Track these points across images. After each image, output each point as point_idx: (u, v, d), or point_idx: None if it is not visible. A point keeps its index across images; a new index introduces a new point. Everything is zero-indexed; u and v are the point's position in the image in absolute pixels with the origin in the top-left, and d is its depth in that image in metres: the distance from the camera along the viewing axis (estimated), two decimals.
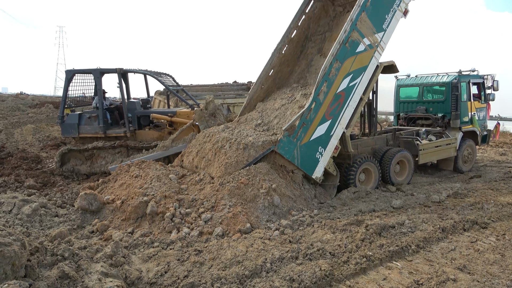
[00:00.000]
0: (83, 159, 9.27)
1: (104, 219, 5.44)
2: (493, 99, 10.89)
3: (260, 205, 5.54)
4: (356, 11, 6.96)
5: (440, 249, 4.68)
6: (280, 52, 8.73)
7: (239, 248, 4.41)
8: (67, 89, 9.59)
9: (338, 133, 7.00)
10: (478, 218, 5.74)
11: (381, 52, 7.49)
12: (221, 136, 6.76)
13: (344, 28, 6.90)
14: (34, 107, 24.33)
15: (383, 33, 7.45)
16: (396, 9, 7.57)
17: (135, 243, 4.64)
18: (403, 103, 11.27)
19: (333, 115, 6.87)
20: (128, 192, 5.83)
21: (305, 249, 4.40)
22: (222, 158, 6.39)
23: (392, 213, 6.11)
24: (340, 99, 6.93)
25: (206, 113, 8.45)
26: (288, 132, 6.43)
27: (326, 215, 5.78)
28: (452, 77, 10.03)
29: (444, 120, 10.11)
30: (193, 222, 5.15)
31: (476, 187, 8.19)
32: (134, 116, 9.53)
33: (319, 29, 9.17)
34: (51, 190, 7.44)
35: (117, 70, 9.53)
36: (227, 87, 17.53)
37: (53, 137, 14.94)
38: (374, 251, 4.41)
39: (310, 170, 6.68)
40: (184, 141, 8.16)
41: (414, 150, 8.83)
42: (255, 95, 8.70)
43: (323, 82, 6.69)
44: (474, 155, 10.57)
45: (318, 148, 6.74)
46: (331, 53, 6.78)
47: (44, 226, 5.25)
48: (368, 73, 7.36)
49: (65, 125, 9.51)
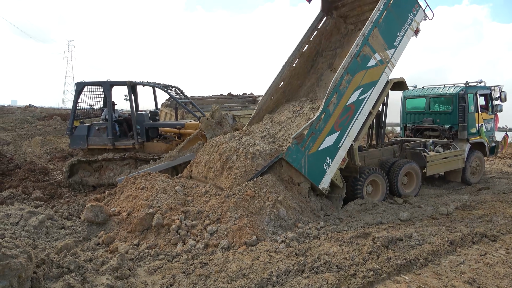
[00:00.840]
0: (91, 170, 9.33)
1: (110, 231, 5.44)
2: (501, 110, 10.84)
3: (266, 217, 5.51)
4: (369, 27, 7.12)
5: (449, 263, 4.61)
6: (291, 65, 8.87)
7: (245, 261, 4.37)
8: (77, 101, 9.69)
9: (346, 145, 7.01)
10: (487, 231, 5.66)
11: (391, 68, 7.61)
12: (229, 146, 6.76)
13: (356, 42, 7.02)
14: (42, 120, 24.63)
15: (394, 50, 7.60)
16: (408, 28, 7.76)
17: (140, 256, 4.62)
18: (410, 114, 11.26)
19: (342, 127, 6.91)
20: (134, 204, 5.84)
21: (312, 262, 4.36)
22: (230, 168, 6.39)
23: (399, 226, 6.04)
24: (349, 111, 6.98)
25: (213, 122, 8.47)
26: (297, 140, 6.43)
27: (333, 228, 5.73)
28: (459, 88, 10.03)
29: (452, 132, 10.08)
30: (198, 234, 5.14)
31: (484, 199, 8.09)
32: (142, 128, 9.62)
33: (330, 45, 9.35)
34: (58, 202, 7.48)
35: (126, 83, 9.68)
36: (233, 99, 17.61)
37: (60, 149, 15.07)
38: (382, 264, 4.35)
39: (317, 180, 6.65)
40: (191, 150, 8.19)
41: (421, 161, 8.76)
42: (264, 106, 8.77)
43: (334, 94, 6.76)
44: (483, 167, 10.48)
45: (326, 158, 6.74)
46: (343, 66, 6.88)
47: (51, 238, 5.26)
48: (378, 88, 7.45)
49: (74, 137, 9.59)
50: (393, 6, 7.41)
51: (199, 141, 8.41)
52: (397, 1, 7.50)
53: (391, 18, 7.45)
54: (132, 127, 9.68)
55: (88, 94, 10.33)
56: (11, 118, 23.38)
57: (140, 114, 9.94)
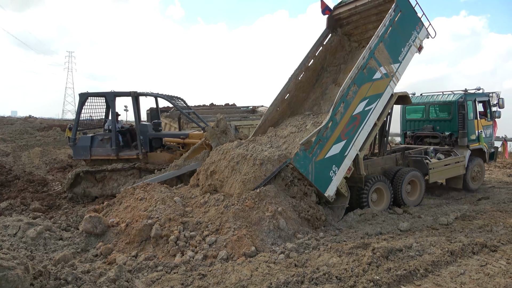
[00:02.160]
0: (94, 181, 9.28)
1: (108, 242, 5.41)
2: (499, 116, 10.95)
3: (265, 228, 5.49)
4: (375, 41, 7.41)
5: (449, 273, 4.57)
6: (297, 78, 9.12)
7: (244, 272, 4.35)
8: (81, 112, 9.68)
9: (352, 154, 7.13)
10: (488, 241, 5.62)
11: (396, 82, 7.90)
12: (236, 153, 6.78)
13: (363, 55, 7.27)
14: (42, 130, 24.67)
15: (399, 65, 7.90)
16: (412, 44, 8.10)
17: (138, 267, 4.59)
18: (410, 122, 11.36)
19: (348, 136, 7.06)
20: (133, 215, 5.82)
21: (311, 273, 4.33)
22: (239, 175, 6.41)
23: (399, 236, 6.01)
24: (355, 121, 7.16)
25: (218, 131, 8.54)
26: (305, 146, 6.54)
27: (332, 238, 5.70)
28: (458, 96, 10.14)
29: (452, 138, 10.16)
30: (197, 245, 5.11)
31: (484, 209, 8.07)
32: (146, 139, 9.66)
33: (335, 61, 9.66)
34: (56, 213, 7.46)
35: (131, 94, 9.71)
36: (232, 109, 17.67)
37: (59, 160, 15.06)
38: (382, 275, 4.32)
39: (323, 187, 6.72)
40: (196, 159, 8.23)
41: (424, 169, 8.86)
42: (270, 117, 8.94)
43: (341, 103, 6.94)
44: (483, 173, 10.56)
45: (332, 166, 6.83)
46: (350, 76, 7.09)
47: (48, 249, 5.23)
48: (383, 100, 7.69)
49: (77, 148, 9.57)
50: (398, 23, 7.74)
51: (204, 150, 8.45)
52: (402, 19, 7.82)
53: (396, 34, 7.78)
54: (134, 138, 9.77)
55: (88, 105, 10.37)
56: (10, 129, 23.41)
57: (144, 124, 9.97)
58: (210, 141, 8.38)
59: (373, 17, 8.93)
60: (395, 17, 7.71)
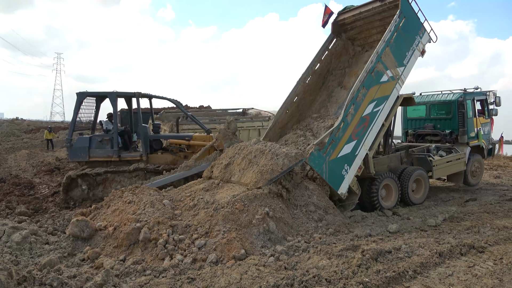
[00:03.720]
0: (94, 183, 9.11)
1: (95, 246, 5.32)
2: (496, 114, 11.46)
3: (255, 230, 5.47)
4: (382, 46, 7.87)
5: (438, 275, 4.60)
6: (305, 82, 9.64)
7: (233, 275, 4.31)
8: (78, 112, 9.41)
9: (362, 153, 7.57)
10: (475, 242, 5.68)
11: (401, 84, 8.35)
12: (254, 148, 7.08)
13: (371, 59, 7.72)
14: (29, 132, 24.33)
15: (404, 68, 8.38)
16: (415, 48, 8.61)
17: (126, 271, 4.52)
18: (411, 121, 11.78)
19: (359, 136, 7.49)
20: (121, 218, 5.73)
21: (301, 276, 4.31)
22: (256, 166, 6.63)
23: (388, 238, 6.04)
24: (365, 122, 7.61)
25: (230, 132, 8.67)
26: (319, 146, 6.91)
27: (322, 240, 5.70)
28: (458, 95, 10.61)
29: (452, 136, 10.61)
30: (186, 249, 5.06)
31: (472, 210, 8.16)
32: (146, 140, 9.62)
33: (340, 65, 10.21)
34: (43, 217, 7.33)
35: (135, 94, 9.68)
36: (222, 112, 17.65)
37: (47, 162, 14.86)
38: (371, 277, 4.33)
39: (337, 185, 7.10)
40: (207, 160, 8.32)
41: (427, 166, 9.29)
42: (280, 119, 9.42)
43: (351, 105, 7.36)
44: (482, 169, 11.08)
45: (344, 165, 7.24)
46: (359, 80, 7.53)
47: (34, 254, 5.12)
48: (390, 102, 8.15)
49: (73, 149, 9.26)
50: (402, 28, 8.22)
51: (215, 151, 8.61)
52: (406, 24, 8.31)
53: (401, 39, 8.26)
54: (131, 139, 9.85)
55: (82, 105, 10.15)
56: None
57: (144, 126, 9.89)
58: (223, 142, 8.46)
59: (377, 22, 9.40)
60: (400, 22, 8.16)
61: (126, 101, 10.86)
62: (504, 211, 8.07)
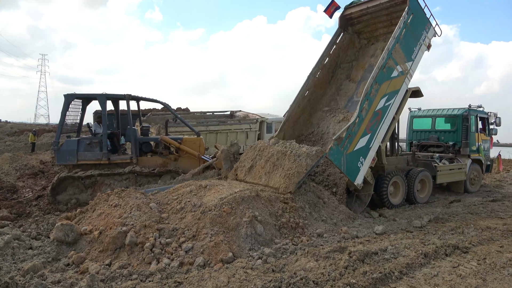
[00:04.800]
0: (82, 187, 8.95)
1: (80, 251, 5.23)
2: (495, 133, 12.24)
3: (242, 233, 5.45)
4: (392, 42, 8.21)
5: (423, 275, 4.66)
6: (315, 76, 10.00)
7: (221, 278, 4.29)
8: (65, 114, 9.21)
9: (375, 146, 7.99)
10: (459, 243, 5.78)
11: (410, 78, 8.76)
12: (275, 150, 7.43)
13: (382, 56, 8.07)
14: (12, 135, 23.86)
15: (412, 63, 8.78)
16: (422, 43, 9.04)
17: (112, 276, 4.46)
18: (416, 132, 12.37)
19: (372, 130, 7.88)
20: (107, 222, 5.66)
21: (288, 278, 4.32)
22: (281, 170, 7.03)
23: (375, 239, 6.09)
24: (378, 116, 8.00)
25: (231, 153, 8.88)
26: (337, 141, 7.23)
27: (310, 243, 5.72)
28: (463, 110, 11.26)
29: (455, 148, 11.16)
30: (173, 252, 5.01)
31: (456, 211, 8.31)
32: (136, 143, 9.56)
33: (347, 58, 10.61)
34: (26, 221, 7.17)
35: (125, 96, 9.60)
36: (210, 115, 17.62)
37: (31, 165, 14.58)
38: (358, 278, 4.36)
39: (353, 176, 7.50)
40: (205, 177, 8.46)
41: (432, 171, 9.79)
42: (293, 113, 9.75)
43: (365, 101, 7.71)
44: (480, 178, 11.59)
45: (360, 158, 7.63)
46: (372, 76, 7.89)
47: (17, 259, 5.01)
48: (400, 95, 8.56)
49: (61, 152, 9.05)
50: (410, 24, 8.61)
51: (213, 169, 8.83)
52: (414, 20, 8.71)
53: (409, 35, 8.64)
54: (119, 142, 9.79)
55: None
56: None
57: (133, 129, 9.80)
58: (223, 162, 8.64)
59: (384, 17, 9.74)
60: (408, 19, 8.54)
61: (113, 104, 10.75)
62: (487, 212, 8.24)
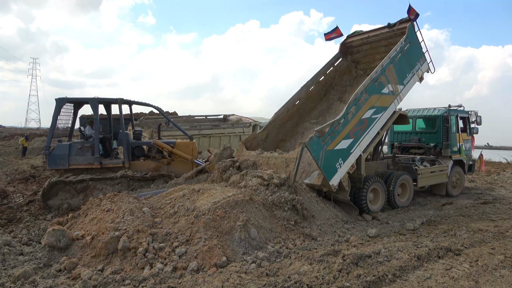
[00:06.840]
0: (74, 192, 8.85)
1: (73, 256, 5.17)
2: (476, 132, 12.08)
3: (236, 237, 5.43)
4: (387, 61, 8.56)
5: (416, 278, 4.69)
6: (308, 89, 10.40)
7: (215, 283, 4.27)
8: (57, 118, 9.14)
9: (357, 153, 7.99)
10: (452, 245, 5.83)
11: (399, 101, 9.04)
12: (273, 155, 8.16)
13: (376, 69, 8.34)
14: (2, 140, 23.56)
15: (403, 87, 9.10)
16: (415, 73, 9.45)
17: (105, 281, 4.41)
18: (397, 134, 12.29)
19: (356, 136, 7.96)
20: (99, 227, 5.60)
21: (282, 282, 4.31)
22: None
23: (368, 242, 6.12)
24: (363, 124, 8.13)
25: (224, 157, 8.94)
26: (319, 134, 7.29)
27: (303, 246, 5.72)
28: (443, 110, 11.20)
29: (436, 149, 11.07)
30: (167, 257, 4.98)
31: (448, 214, 8.37)
32: (128, 147, 9.52)
33: (342, 83, 11.03)
34: (17, 227, 7.09)
35: (117, 100, 9.54)
36: (203, 118, 17.58)
37: (21, 170, 14.41)
38: (352, 281, 4.37)
39: (329, 176, 7.39)
40: (198, 181, 8.47)
41: (413, 174, 9.69)
42: (281, 116, 10.04)
43: (353, 105, 7.87)
44: (463, 181, 11.48)
45: (339, 159, 7.62)
46: (363, 84, 8.09)
47: (8, 265, 4.94)
48: (388, 113, 8.72)
49: (52, 156, 8.99)
50: (406, 51, 9.08)
51: (206, 173, 8.84)
52: (410, 49, 9.17)
53: (404, 61, 9.05)
54: (111, 146, 9.77)
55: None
56: None
57: (126, 133, 9.75)
58: (216, 166, 8.62)
59: (382, 48, 10.11)
60: (405, 46, 9.00)
61: (105, 108, 10.68)
62: (479, 214, 8.32)
